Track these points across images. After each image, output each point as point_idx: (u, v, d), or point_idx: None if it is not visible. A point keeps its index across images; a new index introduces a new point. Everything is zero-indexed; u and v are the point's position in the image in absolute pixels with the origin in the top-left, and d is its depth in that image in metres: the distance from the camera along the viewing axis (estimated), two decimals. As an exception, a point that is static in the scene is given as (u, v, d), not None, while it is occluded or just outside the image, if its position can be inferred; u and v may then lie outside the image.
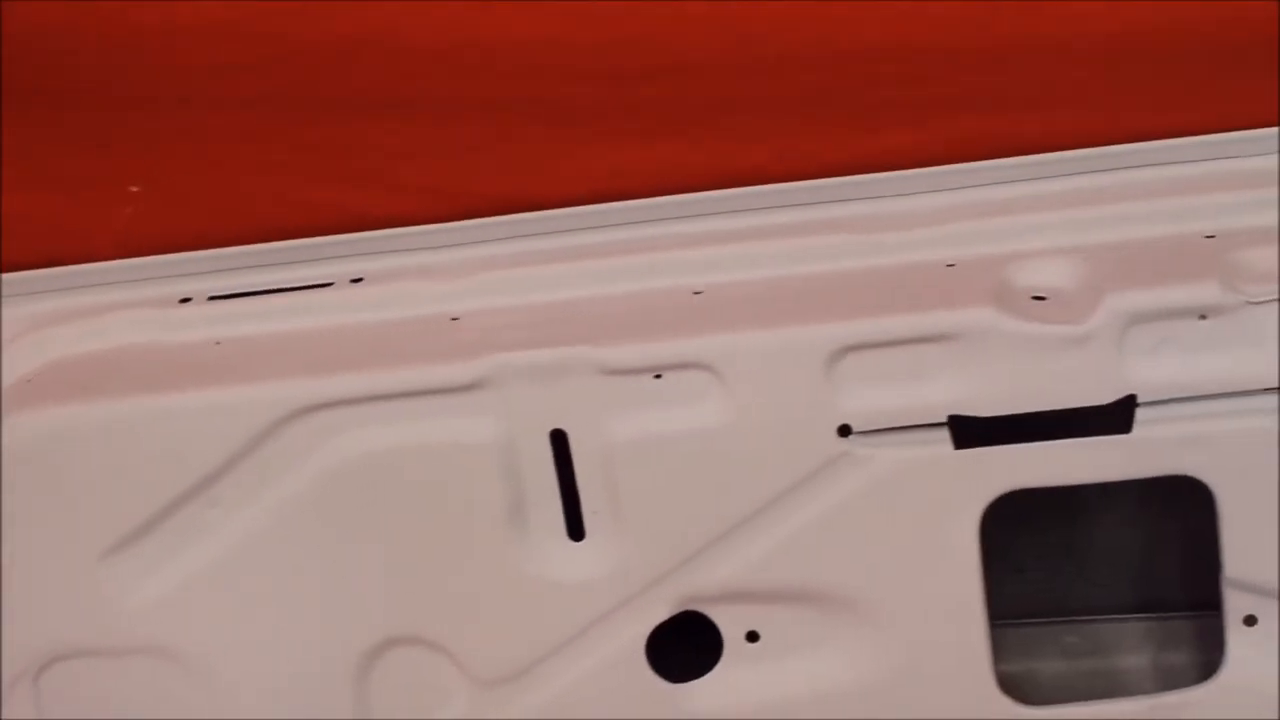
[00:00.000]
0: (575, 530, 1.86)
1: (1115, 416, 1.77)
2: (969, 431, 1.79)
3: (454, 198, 1.89)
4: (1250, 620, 1.82)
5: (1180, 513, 1.85)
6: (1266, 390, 1.77)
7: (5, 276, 1.94)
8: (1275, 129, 1.82)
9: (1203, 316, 1.75)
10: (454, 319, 1.89)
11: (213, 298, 1.94)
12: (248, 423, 1.85)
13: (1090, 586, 2.08)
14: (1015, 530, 1.91)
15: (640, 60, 1.82)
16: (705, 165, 1.85)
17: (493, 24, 1.80)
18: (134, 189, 1.93)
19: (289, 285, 1.93)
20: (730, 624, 1.88)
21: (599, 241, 1.90)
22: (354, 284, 1.92)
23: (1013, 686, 1.88)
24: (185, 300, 1.94)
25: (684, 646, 1.88)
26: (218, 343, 1.91)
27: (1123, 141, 1.82)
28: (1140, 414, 1.77)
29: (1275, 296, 1.74)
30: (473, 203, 1.89)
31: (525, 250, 1.90)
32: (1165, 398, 1.78)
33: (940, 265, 1.83)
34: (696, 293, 1.86)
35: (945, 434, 1.80)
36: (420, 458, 1.85)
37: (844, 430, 1.80)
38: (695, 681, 1.90)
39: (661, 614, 1.88)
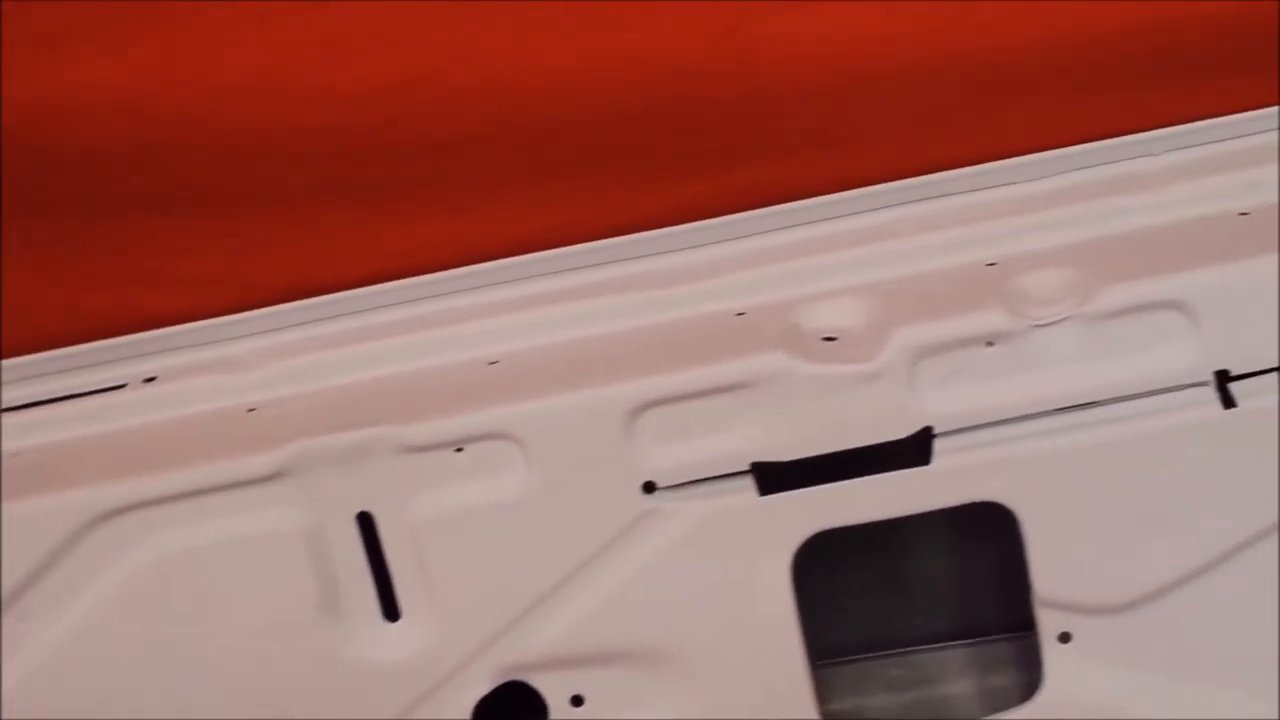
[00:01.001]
0: (390, 611, 1.85)
1: (913, 449, 1.79)
2: (772, 477, 1.80)
3: (239, 289, 1.89)
4: (1065, 637, 1.84)
5: (990, 537, 1.87)
6: (1059, 410, 1.78)
7: None
8: (1048, 153, 1.85)
9: (990, 344, 1.77)
10: (251, 410, 1.87)
11: (4, 410, 1.90)
12: (51, 532, 1.82)
13: (911, 618, 2.10)
14: (833, 569, 1.93)
15: (414, 137, 1.82)
16: (488, 235, 1.86)
17: (262, 113, 1.79)
18: (-85, 306, 1.90)
19: (82, 390, 1.91)
20: (554, 690, 1.88)
21: (390, 320, 1.90)
22: (147, 383, 1.91)
23: (842, 724, 1.90)
24: (-23, 414, 1.92)
25: (510, 717, 1.86)
26: (15, 454, 1.88)
27: (896, 178, 1.83)
28: (938, 444, 1.79)
29: (1060, 318, 1.76)
30: (257, 292, 1.88)
31: (316, 335, 1.90)
32: (961, 427, 1.79)
33: (730, 315, 1.84)
34: (492, 363, 1.86)
35: (749, 481, 1.81)
36: (229, 552, 1.84)
37: (649, 487, 1.81)
38: (524, 750, 1.89)
39: (484, 686, 1.88)
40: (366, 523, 1.83)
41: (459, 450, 1.81)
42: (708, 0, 1.78)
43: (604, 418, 1.78)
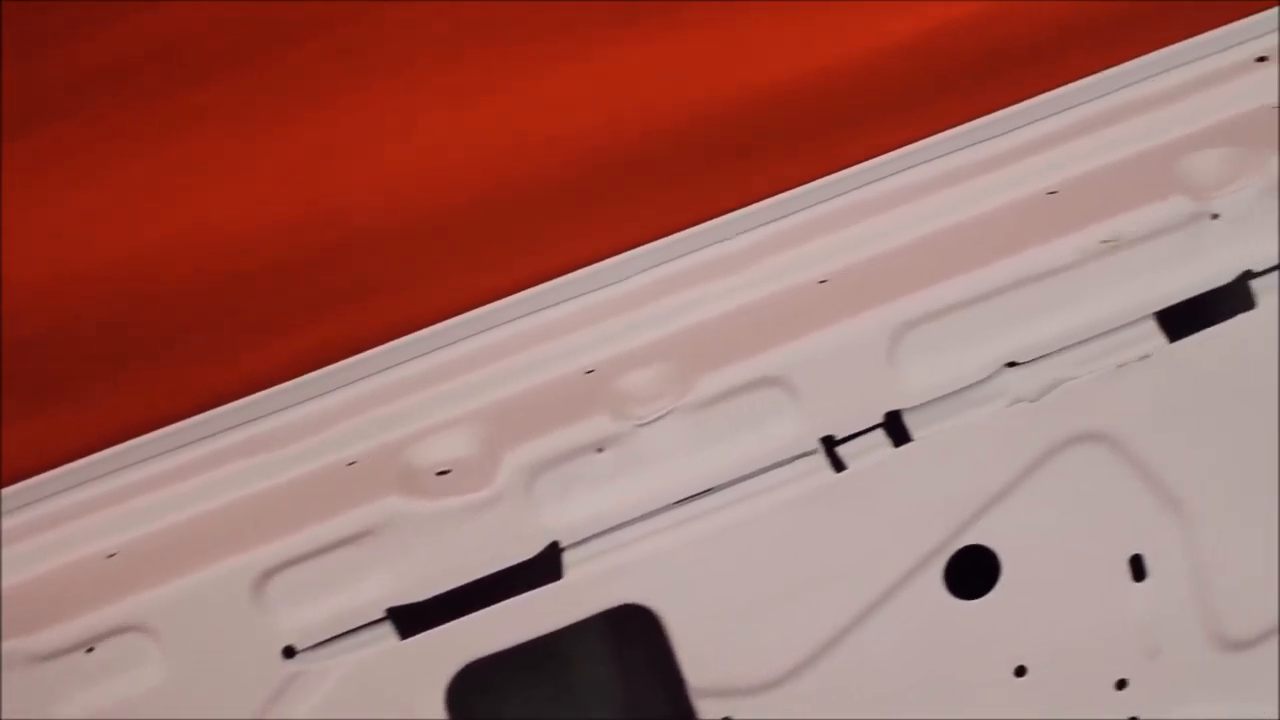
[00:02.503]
0: (47, 827, 1.81)
1: (544, 566, 1.81)
2: (410, 619, 1.81)
3: None
4: (726, 724, 1.86)
5: (642, 636, 1.89)
6: (678, 503, 1.81)
7: None
8: (627, 254, 1.88)
9: (600, 449, 1.79)
10: None
11: None
12: None
13: (585, 730, 2.11)
14: (495, 696, 1.92)
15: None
16: (83, 429, 1.83)
17: None
18: None
19: None
20: None
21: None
22: None
23: None
24: None
25: None
26: None
27: (484, 302, 1.84)
28: (567, 557, 1.81)
29: (663, 413, 1.78)
30: None
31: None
32: (586, 536, 1.81)
33: (342, 466, 1.84)
34: (110, 556, 1.83)
35: (389, 627, 1.80)
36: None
37: (289, 651, 1.80)
38: None
39: None
40: (9, 740, 1.79)
41: (90, 650, 1.78)
42: (263, 159, 1.78)
43: (230, 591, 1.78)
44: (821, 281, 1.87)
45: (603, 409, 1.80)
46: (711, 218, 1.86)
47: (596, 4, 1.81)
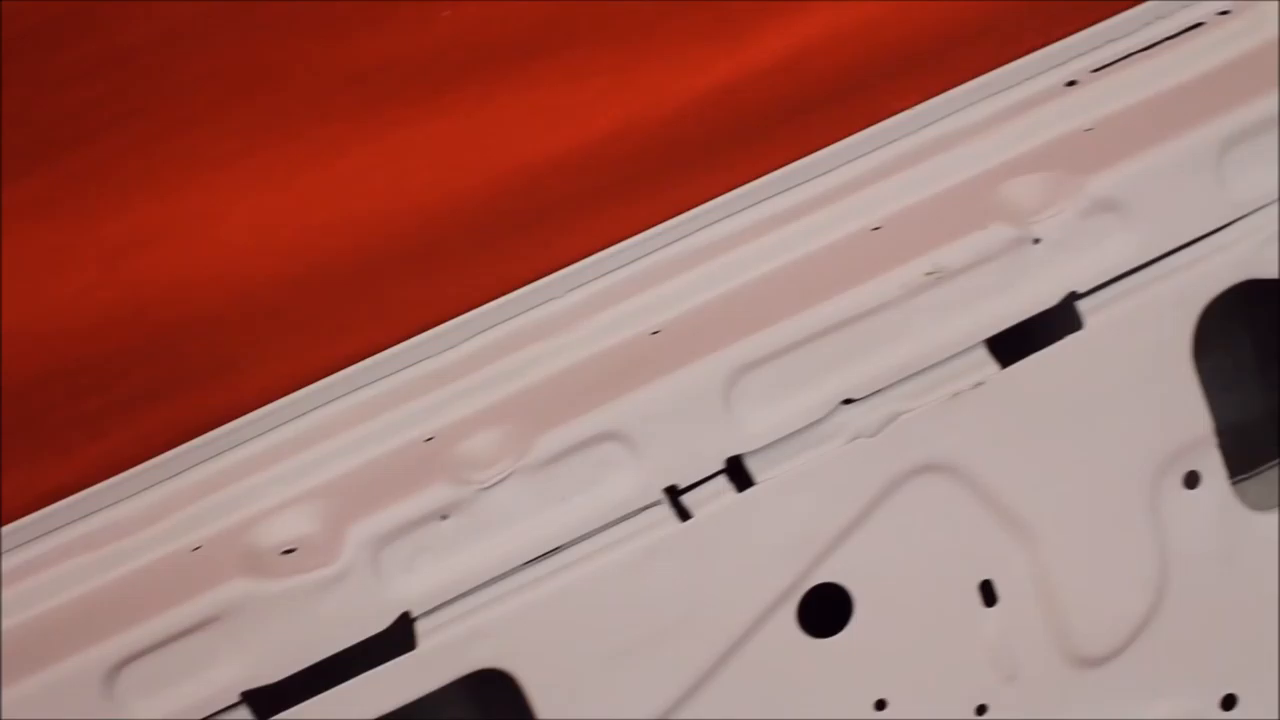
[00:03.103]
0: None
1: (396, 637, 1.81)
2: (266, 701, 1.80)
3: None
4: (587, 784, 1.86)
5: (506, 699, 1.89)
6: (526, 564, 1.82)
7: None
8: (455, 320, 1.88)
9: (444, 517, 1.80)
10: None
11: None
12: None
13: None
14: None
15: None
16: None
17: None
18: None
19: None
20: None
21: None
22: None
23: None
24: None
25: None
26: None
27: (309, 381, 1.85)
28: (420, 626, 1.81)
29: (504, 476, 1.79)
30: None
31: None
32: (437, 604, 1.81)
33: (185, 551, 1.83)
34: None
35: (246, 710, 1.80)
36: None
37: (142, 745, 1.79)
38: None
39: None
40: None
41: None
42: (71, 252, 1.78)
43: (81, 686, 1.77)
44: (654, 333, 1.88)
45: (444, 476, 1.81)
46: (537, 278, 1.87)
47: (390, 87, 1.82)
